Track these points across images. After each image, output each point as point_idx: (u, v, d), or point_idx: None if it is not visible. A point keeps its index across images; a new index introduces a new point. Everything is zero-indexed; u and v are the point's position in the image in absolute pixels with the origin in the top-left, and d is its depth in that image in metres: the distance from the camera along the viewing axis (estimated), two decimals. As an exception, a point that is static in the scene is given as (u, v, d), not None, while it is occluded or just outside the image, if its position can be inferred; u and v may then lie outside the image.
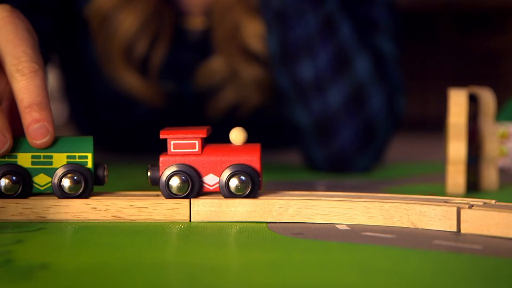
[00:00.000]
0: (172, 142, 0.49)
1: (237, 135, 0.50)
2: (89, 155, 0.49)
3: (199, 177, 0.49)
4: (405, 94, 0.87)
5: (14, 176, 0.49)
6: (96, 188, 0.50)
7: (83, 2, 0.89)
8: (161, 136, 0.49)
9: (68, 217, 0.49)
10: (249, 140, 0.51)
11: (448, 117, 0.62)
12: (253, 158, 0.49)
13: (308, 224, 0.48)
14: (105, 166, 0.50)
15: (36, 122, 0.48)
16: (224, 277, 0.36)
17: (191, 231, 0.46)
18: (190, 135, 0.49)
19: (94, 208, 0.49)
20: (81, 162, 0.49)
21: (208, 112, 0.92)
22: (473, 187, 0.64)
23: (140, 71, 0.90)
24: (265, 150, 0.96)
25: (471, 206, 0.46)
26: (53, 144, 0.49)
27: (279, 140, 0.97)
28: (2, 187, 0.49)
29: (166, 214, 0.49)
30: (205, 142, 0.50)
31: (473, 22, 2.94)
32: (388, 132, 0.83)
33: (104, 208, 0.49)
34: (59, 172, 0.49)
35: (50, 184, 0.49)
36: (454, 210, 0.45)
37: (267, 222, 0.49)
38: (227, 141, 0.51)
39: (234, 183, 0.49)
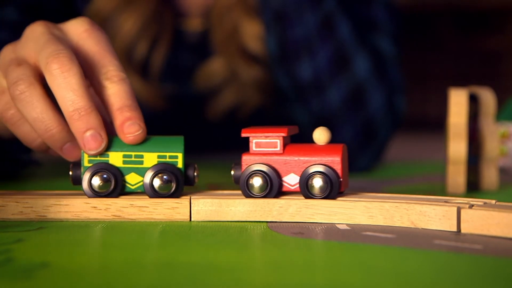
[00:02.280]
0: (254, 141, 0.49)
1: (320, 135, 0.49)
2: (180, 155, 0.49)
3: (279, 177, 0.49)
4: (405, 93, 0.86)
5: (106, 175, 0.49)
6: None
7: (82, 5, 0.89)
8: (243, 135, 0.49)
9: (69, 216, 0.49)
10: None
11: (449, 117, 0.62)
12: (334, 159, 0.48)
13: (308, 224, 0.48)
14: (195, 166, 0.50)
15: (128, 120, 0.49)
16: (224, 277, 0.36)
17: (191, 231, 0.46)
18: (271, 134, 0.49)
19: (95, 207, 0.49)
20: (172, 162, 0.49)
21: (208, 114, 0.92)
22: (473, 187, 0.64)
23: (141, 73, 0.90)
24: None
25: (471, 206, 0.46)
26: (144, 144, 0.49)
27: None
28: (95, 186, 0.49)
29: (166, 214, 0.49)
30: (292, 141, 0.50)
31: (474, 22, 2.94)
32: (388, 131, 0.83)
33: (105, 207, 0.49)
34: (150, 171, 0.49)
35: (141, 184, 0.49)
36: (454, 210, 0.45)
37: (267, 222, 0.49)
38: (227, 141, 0.51)
39: (314, 183, 0.48)
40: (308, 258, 0.40)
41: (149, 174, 0.49)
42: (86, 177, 0.49)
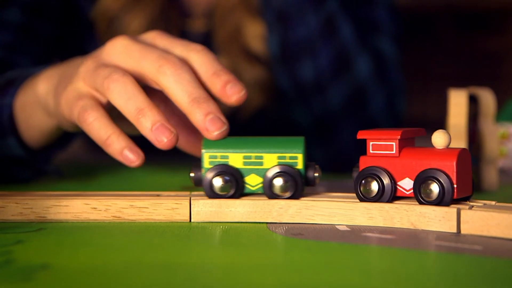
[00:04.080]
0: (371, 143, 0.48)
1: (438, 138, 0.47)
2: (300, 156, 0.49)
3: (394, 180, 0.47)
4: (405, 95, 0.87)
5: (227, 176, 0.48)
6: (95, 188, 0.50)
7: (88, 5, 0.89)
8: (359, 136, 0.48)
9: (68, 217, 0.49)
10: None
11: (448, 117, 0.62)
12: (449, 164, 0.46)
13: (308, 225, 0.48)
14: (316, 167, 0.49)
15: (228, 82, 0.50)
16: (224, 278, 0.36)
17: (191, 232, 0.46)
18: (387, 137, 0.47)
19: (94, 208, 0.49)
20: (292, 163, 0.49)
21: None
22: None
23: None
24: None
25: (471, 207, 0.46)
26: (264, 145, 0.49)
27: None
28: (216, 188, 0.49)
29: (166, 214, 0.49)
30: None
31: (473, 23, 2.94)
32: None
33: (104, 208, 0.49)
34: (270, 173, 0.48)
35: (261, 185, 0.49)
36: (454, 211, 0.45)
37: (267, 223, 0.49)
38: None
39: (427, 189, 0.46)
40: (308, 259, 0.40)
41: (268, 176, 0.48)
42: (207, 178, 0.49)
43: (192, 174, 0.50)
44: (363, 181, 0.47)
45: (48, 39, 0.85)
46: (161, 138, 0.50)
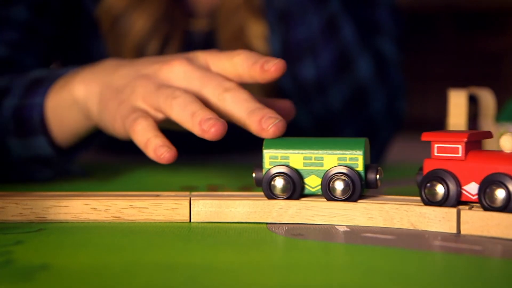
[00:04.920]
0: (435, 146, 0.46)
1: (506, 141, 0.45)
2: (360, 157, 0.48)
3: (458, 184, 0.45)
4: (406, 96, 0.87)
5: (287, 177, 0.48)
6: (95, 188, 0.50)
7: (92, 3, 0.89)
8: (423, 139, 0.47)
9: (68, 217, 0.49)
10: (251, 140, 0.50)
11: (448, 118, 0.62)
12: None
13: (308, 225, 0.48)
14: (379, 169, 0.48)
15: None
16: (224, 278, 0.36)
17: (191, 232, 0.46)
18: (453, 139, 0.46)
19: (94, 208, 0.49)
20: (351, 164, 0.48)
21: None
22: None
23: None
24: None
25: (471, 207, 0.46)
26: (325, 145, 0.48)
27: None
28: (276, 189, 0.48)
29: (166, 215, 0.49)
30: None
31: (474, 23, 2.94)
32: (388, 133, 0.83)
33: (104, 209, 0.49)
34: (328, 174, 0.48)
35: (320, 186, 0.48)
36: (454, 211, 0.45)
37: (267, 223, 0.49)
38: (229, 140, 0.50)
39: (492, 194, 0.44)
40: (307, 259, 0.40)
41: (326, 177, 0.48)
42: (266, 179, 0.49)
43: (253, 175, 0.50)
44: (428, 184, 0.46)
45: (52, 38, 0.85)
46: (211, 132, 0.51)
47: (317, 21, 0.79)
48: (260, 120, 0.50)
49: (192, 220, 0.49)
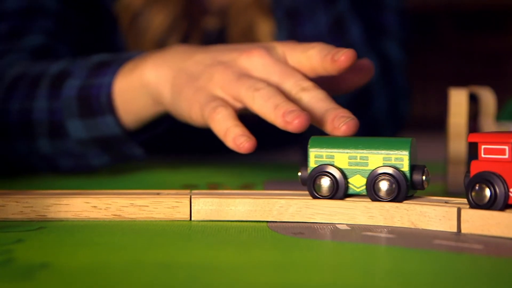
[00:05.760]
0: (482, 147, 0.45)
1: None
2: (405, 157, 0.47)
3: (506, 187, 0.44)
4: (410, 98, 0.87)
5: (331, 177, 0.48)
6: (95, 186, 0.50)
7: (110, 0, 0.89)
8: (470, 140, 0.46)
9: (69, 215, 0.49)
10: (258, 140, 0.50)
11: (449, 117, 0.62)
12: None
13: (309, 224, 0.48)
14: (425, 169, 0.47)
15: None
16: (225, 277, 0.36)
17: (192, 230, 0.46)
18: (499, 140, 0.44)
19: (95, 206, 0.49)
20: (397, 164, 0.47)
21: None
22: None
23: None
24: (267, 150, 0.96)
25: (471, 206, 0.46)
26: (370, 145, 0.48)
27: (281, 139, 0.97)
28: (319, 188, 0.48)
29: (166, 213, 0.49)
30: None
31: (475, 22, 2.94)
32: (391, 135, 0.84)
33: (105, 207, 0.49)
34: (373, 174, 0.47)
35: (365, 186, 0.48)
36: (454, 210, 0.45)
37: (267, 222, 0.49)
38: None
39: None
40: (308, 258, 0.40)
41: (371, 177, 0.47)
42: (310, 178, 0.48)
43: (299, 174, 0.49)
44: (476, 187, 0.45)
45: (82, 29, 0.86)
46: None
47: (325, 19, 0.79)
48: (333, 119, 0.50)
49: (192, 218, 0.49)
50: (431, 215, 0.46)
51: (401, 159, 0.47)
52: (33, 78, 0.70)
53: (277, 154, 0.97)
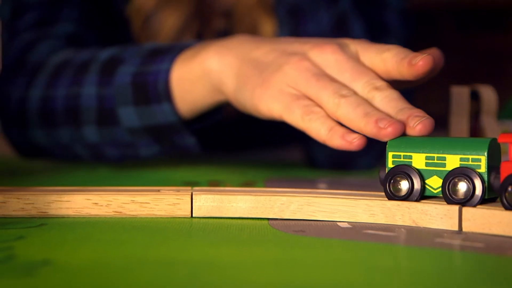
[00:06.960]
0: None
1: None
2: (483, 158, 0.45)
3: None
4: (412, 96, 0.87)
5: (408, 177, 0.47)
6: (97, 183, 0.50)
7: (122, 2, 0.89)
8: (500, 140, 0.45)
9: (70, 212, 0.49)
10: (252, 137, 0.50)
11: (450, 115, 0.62)
12: None
13: (310, 222, 0.48)
14: None
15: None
16: (225, 274, 0.36)
17: (193, 228, 0.46)
18: None
19: (96, 203, 0.49)
20: (474, 166, 0.46)
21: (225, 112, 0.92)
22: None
23: None
24: (267, 147, 0.96)
25: (473, 205, 0.46)
26: (447, 145, 0.47)
27: (282, 137, 0.97)
28: (395, 189, 0.47)
29: (167, 210, 0.49)
30: None
31: (476, 21, 2.94)
32: None
33: (106, 204, 0.49)
34: (449, 175, 0.46)
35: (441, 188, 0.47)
36: (456, 208, 0.45)
37: (268, 219, 0.49)
38: (232, 139, 0.50)
39: None
40: (309, 256, 0.40)
41: (447, 178, 0.46)
42: (387, 178, 0.48)
43: (380, 174, 0.49)
44: (509, 189, 0.44)
45: (104, 20, 0.86)
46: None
47: (328, 18, 0.79)
48: (408, 118, 0.50)
49: (193, 215, 0.49)
50: (433, 214, 0.46)
51: (478, 159, 0.46)
52: (80, 65, 0.69)
53: (278, 152, 0.97)
